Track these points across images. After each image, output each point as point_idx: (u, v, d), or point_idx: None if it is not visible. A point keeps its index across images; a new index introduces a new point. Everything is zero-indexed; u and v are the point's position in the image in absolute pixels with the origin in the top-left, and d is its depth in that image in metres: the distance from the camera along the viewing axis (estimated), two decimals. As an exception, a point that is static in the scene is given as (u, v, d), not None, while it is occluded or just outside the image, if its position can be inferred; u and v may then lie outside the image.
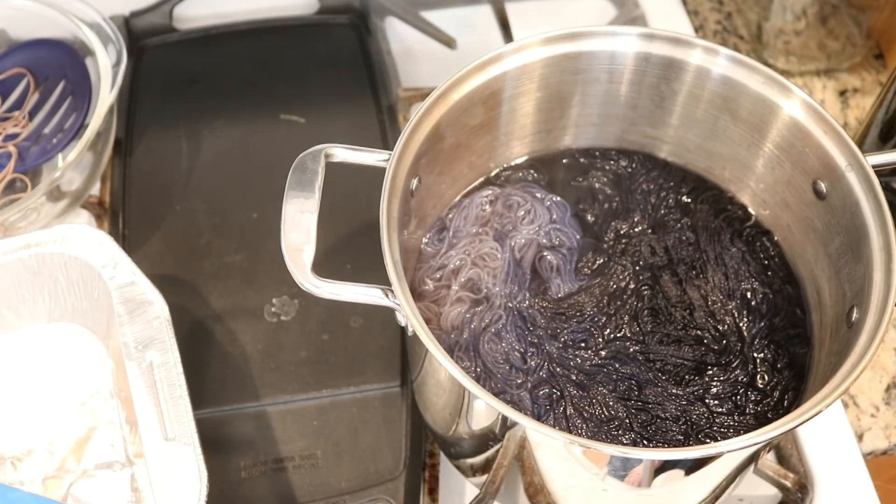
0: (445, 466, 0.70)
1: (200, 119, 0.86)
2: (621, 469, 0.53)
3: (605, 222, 0.69)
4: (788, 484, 0.68)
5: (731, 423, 0.61)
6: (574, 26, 0.65)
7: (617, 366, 0.62)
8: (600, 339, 0.64)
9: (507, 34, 0.95)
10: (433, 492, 0.69)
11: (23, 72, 0.83)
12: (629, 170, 0.72)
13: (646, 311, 0.65)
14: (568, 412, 0.60)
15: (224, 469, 0.67)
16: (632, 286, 0.66)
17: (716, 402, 0.61)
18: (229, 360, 0.72)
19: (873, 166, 0.59)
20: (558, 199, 0.70)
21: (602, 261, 0.67)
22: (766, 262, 0.67)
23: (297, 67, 0.89)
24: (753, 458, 0.60)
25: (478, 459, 0.62)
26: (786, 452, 0.71)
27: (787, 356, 0.63)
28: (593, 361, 0.63)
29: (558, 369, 0.62)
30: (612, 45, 0.65)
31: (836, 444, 0.72)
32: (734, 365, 0.63)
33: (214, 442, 0.68)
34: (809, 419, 0.50)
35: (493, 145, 0.70)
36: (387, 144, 0.83)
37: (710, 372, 0.62)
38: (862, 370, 0.52)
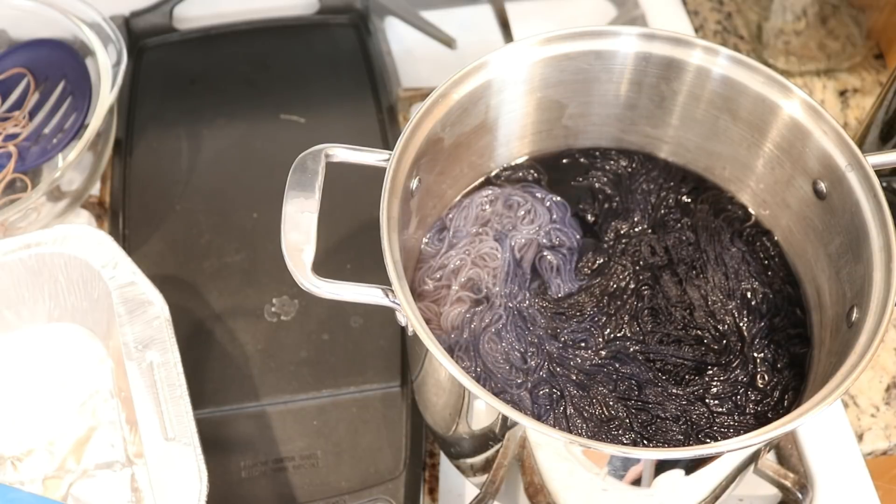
0: (445, 466, 0.70)
1: (200, 119, 0.86)
2: (621, 469, 0.53)
3: (605, 222, 0.69)
4: (788, 484, 0.68)
5: (731, 423, 0.61)
6: (574, 26, 0.65)
7: (617, 365, 0.62)
8: (600, 339, 0.64)
9: (507, 34, 0.95)
10: (433, 492, 0.69)
11: (23, 72, 0.83)
12: (629, 170, 0.72)
13: (646, 311, 0.65)
14: (568, 412, 0.60)
15: (224, 469, 0.67)
16: (632, 286, 0.66)
17: (716, 401, 0.61)
18: (229, 360, 0.72)
19: (873, 166, 0.59)
20: (558, 199, 0.70)
21: (602, 261, 0.67)
22: (766, 262, 0.67)
23: (297, 67, 0.89)
24: (753, 458, 0.60)
25: (478, 459, 0.62)
26: (786, 452, 0.71)
27: (787, 356, 0.63)
28: (593, 361, 0.63)
29: (558, 369, 0.62)
30: (612, 45, 0.65)
31: (836, 444, 0.72)
32: (734, 365, 0.63)
33: (214, 442, 0.68)
34: (809, 419, 0.50)
35: (493, 145, 0.70)
36: (387, 144, 0.83)
37: (711, 372, 0.62)
38: (862, 370, 0.52)
